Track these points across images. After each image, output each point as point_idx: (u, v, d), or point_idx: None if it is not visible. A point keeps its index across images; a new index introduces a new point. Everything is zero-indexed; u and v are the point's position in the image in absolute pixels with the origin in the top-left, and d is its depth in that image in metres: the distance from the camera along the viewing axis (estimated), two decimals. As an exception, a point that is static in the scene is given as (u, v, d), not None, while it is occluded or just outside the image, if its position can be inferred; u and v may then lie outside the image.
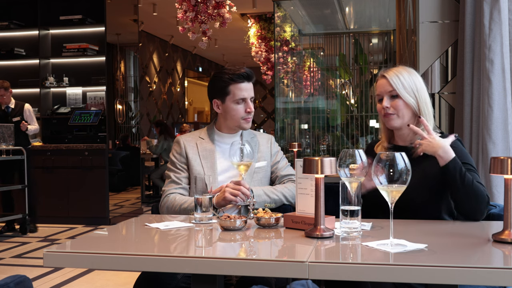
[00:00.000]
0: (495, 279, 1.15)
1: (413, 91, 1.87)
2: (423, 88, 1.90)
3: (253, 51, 8.86)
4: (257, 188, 2.10)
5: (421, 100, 1.87)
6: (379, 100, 1.93)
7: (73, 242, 1.58)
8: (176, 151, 2.20)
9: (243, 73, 2.12)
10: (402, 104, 1.87)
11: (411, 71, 1.91)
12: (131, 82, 7.80)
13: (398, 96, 1.87)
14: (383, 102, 1.89)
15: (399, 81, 1.87)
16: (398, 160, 1.35)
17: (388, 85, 1.88)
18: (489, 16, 2.68)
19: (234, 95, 2.13)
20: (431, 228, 1.66)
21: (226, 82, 2.14)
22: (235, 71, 2.13)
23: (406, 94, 1.86)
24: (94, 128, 6.32)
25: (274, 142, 2.31)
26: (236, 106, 2.14)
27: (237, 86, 2.13)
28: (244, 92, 2.13)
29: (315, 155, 5.98)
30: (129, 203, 7.20)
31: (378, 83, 1.94)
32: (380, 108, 1.91)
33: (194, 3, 4.93)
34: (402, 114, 1.88)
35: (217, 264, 1.30)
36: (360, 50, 6.22)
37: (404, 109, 1.87)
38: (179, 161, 2.17)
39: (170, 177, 2.16)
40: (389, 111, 1.88)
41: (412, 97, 1.87)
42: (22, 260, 4.38)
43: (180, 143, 2.20)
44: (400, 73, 1.88)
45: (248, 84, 2.16)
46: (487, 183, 2.66)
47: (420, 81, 1.90)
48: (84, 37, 6.48)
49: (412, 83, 1.87)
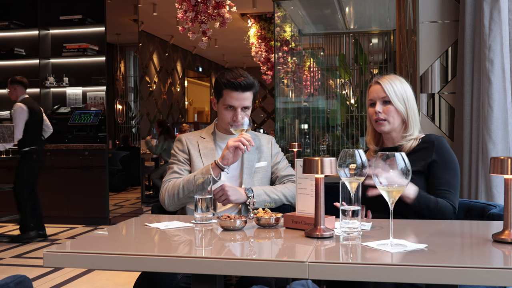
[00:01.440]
0: (495, 279, 1.15)
1: (403, 99, 2.01)
2: (412, 97, 2.04)
3: (253, 51, 8.86)
4: (257, 188, 2.11)
5: (409, 108, 2.02)
6: (371, 105, 2.06)
7: (73, 242, 1.58)
8: (178, 148, 2.22)
9: (237, 83, 2.09)
10: (393, 110, 2.01)
11: (402, 80, 2.05)
12: (131, 82, 7.81)
13: (390, 102, 2.01)
14: (375, 106, 2.03)
15: (391, 88, 2.01)
16: (398, 160, 1.35)
17: (381, 91, 2.02)
18: (489, 16, 2.68)
19: (225, 100, 2.13)
20: (431, 228, 1.66)
21: (221, 85, 2.14)
22: (232, 77, 2.11)
23: (397, 101, 2.00)
24: (94, 128, 6.32)
25: (275, 143, 2.32)
26: (225, 111, 2.15)
27: (229, 93, 2.12)
28: (235, 101, 2.11)
29: (315, 155, 5.98)
30: (129, 203, 7.20)
31: (371, 89, 2.06)
32: (372, 113, 2.04)
33: (194, 3, 4.93)
34: (392, 119, 2.02)
35: (217, 264, 1.30)
36: (360, 50, 6.21)
37: (395, 115, 2.01)
38: (181, 155, 2.20)
39: (173, 168, 2.18)
40: (381, 116, 2.02)
41: (402, 104, 2.01)
42: (22, 260, 4.38)
43: (182, 140, 2.23)
44: (392, 81, 2.02)
45: (242, 94, 2.11)
46: (487, 183, 2.66)
47: (409, 90, 2.04)
48: (84, 37, 6.48)
49: (403, 91, 2.02)
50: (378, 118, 2.01)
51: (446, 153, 1.97)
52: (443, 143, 1.99)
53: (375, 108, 2.02)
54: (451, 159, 1.97)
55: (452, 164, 1.96)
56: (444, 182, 1.92)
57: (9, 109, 6.57)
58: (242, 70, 2.18)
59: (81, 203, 6.00)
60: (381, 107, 2.01)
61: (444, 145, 1.99)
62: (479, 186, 2.70)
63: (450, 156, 1.97)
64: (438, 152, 1.96)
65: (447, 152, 1.97)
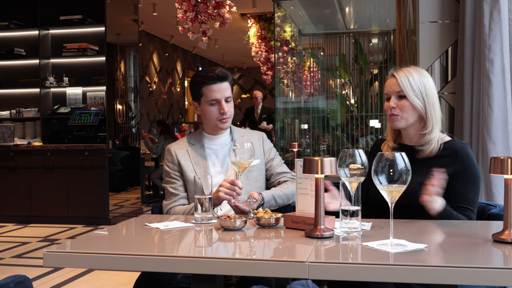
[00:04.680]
0: (495, 279, 1.15)
1: (421, 93, 1.85)
2: (433, 92, 1.88)
3: (253, 51, 8.86)
4: (268, 193, 2.09)
5: (429, 103, 1.86)
6: (387, 99, 1.92)
7: (73, 242, 1.58)
8: (168, 160, 2.19)
9: (214, 75, 2.10)
10: (408, 105, 1.86)
11: (422, 72, 1.89)
12: (131, 82, 7.80)
13: (405, 97, 1.86)
14: (390, 101, 1.89)
15: (408, 82, 1.85)
16: (398, 160, 1.35)
17: (396, 85, 1.87)
18: (489, 16, 2.68)
19: (207, 97, 2.13)
20: (431, 228, 1.66)
21: (199, 84, 2.14)
22: (207, 72, 2.12)
23: (413, 96, 1.85)
24: (94, 128, 6.31)
25: (266, 139, 2.29)
26: (210, 108, 2.14)
27: (209, 87, 2.12)
28: (216, 93, 2.11)
29: (315, 155, 5.98)
30: (129, 203, 7.20)
31: (387, 82, 1.92)
32: (387, 108, 1.90)
33: (194, 3, 4.93)
34: (407, 115, 1.87)
35: (217, 264, 1.30)
36: (360, 50, 6.22)
37: (410, 110, 1.86)
38: (172, 170, 2.17)
39: (168, 190, 2.16)
40: (395, 111, 1.87)
41: (420, 99, 1.85)
42: (22, 260, 4.38)
43: (171, 151, 2.19)
44: (410, 73, 1.87)
45: (221, 85, 2.12)
46: (487, 183, 2.66)
47: (430, 84, 1.88)
48: (84, 37, 6.48)
49: (421, 85, 1.85)
50: (392, 113, 1.88)
51: (470, 166, 1.83)
52: (467, 153, 1.84)
53: (390, 102, 1.89)
54: (475, 173, 1.84)
55: (475, 179, 1.83)
56: (465, 199, 1.81)
57: (9, 109, 6.58)
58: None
59: (81, 203, 6.00)
60: (395, 102, 1.87)
61: (468, 155, 1.84)
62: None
63: (474, 170, 1.84)
64: (462, 164, 1.82)
65: (472, 165, 1.84)
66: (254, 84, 15.17)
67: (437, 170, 1.64)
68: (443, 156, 1.85)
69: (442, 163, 1.78)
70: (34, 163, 6.01)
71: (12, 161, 6.06)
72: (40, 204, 6.01)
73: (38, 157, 6.05)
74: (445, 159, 1.84)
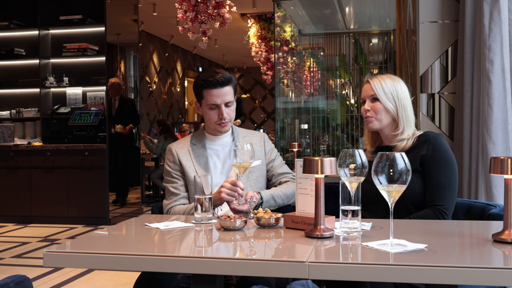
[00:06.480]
0: (495, 279, 1.15)
1: (393, 96, 2.01)
2: (405, 96, 2.03)
3: (253, 51, 8.85)
4: (267, 193, 2.09)
5: (400, 106, 2.01)
6: (362, 103, 2.08)
7: (73, 242, 1.58)
8: (169, 159, 2.19)
9: (214, 80, 2.09)
10: (381, 107, 2.01)
11: (395, 79, 2.05)
12: (131, 82, 7.80)
13: (378, 100, 2.02)
14: (365, 104, 2.05)
15: (380, 86, 2.02)
16: (398, 160, 1.35)
17: (370, 89, 2.04)
18: (489, 16, 2.69)
19: (207, 101, 2.12)
20: (431, 228, 1.66)
21: (200, 87, 2.13)
22: (208, 76, 2.10)
23: (385, 98, 2.01)
24: (94, 128, 6.31)
25: (267, 140, 2.29)
26: (210, 112, 2.13)
27: (209, 92, 2.11)
28: (216, 98, 2.10)
29: (315, 155, 5.98)
30: (129, 203, 7.20)
31: (363, 88, 2.10)
32: (363, 111, 2.07)
33: (194, 3, 4.92)
34: (380, 117, 2.02)
35: (217, 264, 1.30)
36: (360, 50, 6.21)
37: (383, 112, 2.02)
38: (173, 170, 2.16)
39: (168, 189, 2.16)
40: (369, 113, 2.04)
41: (392, 102, 2.01)
42: (22, 260, 4.38)
43: (172, 151, 2.19)
44: (383, 79, 2.04)
45: (222, 90, 2.10)
46: (487, 183, 2.66)
47: (403, 89, 2.03)
48: (84, 37, 6.48)
49: (393, 89, 2.01)
50: (367, 116, 2.04)
51: (442, 150, 1.93)
52: (439, 141, 1.95)
53: (365, 106, 2.05)
54: (447, 157, 1.93)
55: (447, 163, 1.92)
56: (437, 185, 1.90)
57: (9, 109, 6.58)
58: (218, 68, 2.18)
59: (81, 203, 6.00)
60: (369, 105, 2.03)
61: (440, 142, 1.95)
62: (479, 186, 2.70)
63: (446, 154, 1.93)
64: (434, 149, 1.92)
65: (443, 150, 1.93)
66: (254, 84, 15.17)
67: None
68: (417, 146, 1.98)
69: (416, 152, 1.94)
70: (34, 163, 6.01)
71: (12, 161, 6.06)
72: (40, 204, 6.01)
73: (38, 157, 6.05)
74: (418, 148, 1.97)
